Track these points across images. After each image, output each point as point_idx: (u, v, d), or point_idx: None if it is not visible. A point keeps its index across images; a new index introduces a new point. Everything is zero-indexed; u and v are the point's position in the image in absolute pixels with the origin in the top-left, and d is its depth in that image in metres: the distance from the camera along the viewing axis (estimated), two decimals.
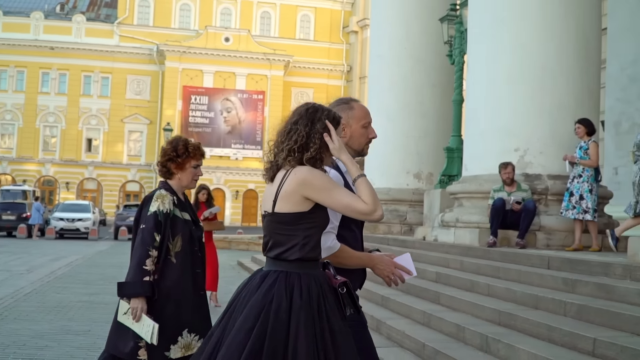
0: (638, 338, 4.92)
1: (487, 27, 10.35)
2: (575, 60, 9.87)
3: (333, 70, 55.85)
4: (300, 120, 2.86)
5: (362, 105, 3.35)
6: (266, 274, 2.83)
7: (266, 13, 55.92)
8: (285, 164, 2.85)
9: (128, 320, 3.81)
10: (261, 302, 2.73)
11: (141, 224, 3.89)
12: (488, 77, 10.27)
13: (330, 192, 2.78)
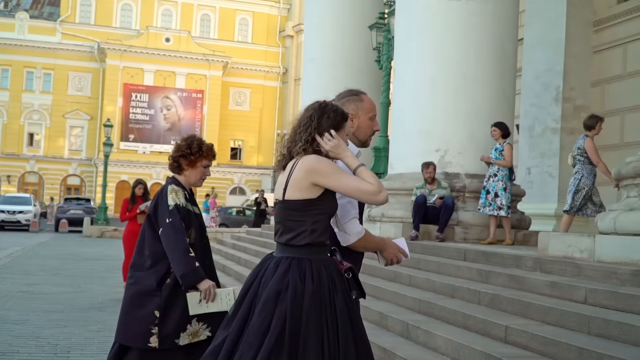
0: (547, 326, 5.04)
1: (412, 35, 10.47)
2: (493, 68, 10.09)
3: (270, 72, 55.65)
4: (314, 114, 2.92)
5: (370, 99, 3.36)
6: (279, 260, 2.86)
7: (206, 15, 55.30)
8: (300, 152, 2.88)
9: (202, 307, 3.73)
10: (277, 288, 2.77)
11: (166, 219, 3.78)
12: (412, 82, 10.40)
13: (338, 177, 2.81)
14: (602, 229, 6.15)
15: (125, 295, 3.97)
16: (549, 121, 13.89)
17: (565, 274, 6.02)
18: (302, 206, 2.84)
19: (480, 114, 9.95)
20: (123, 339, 3.89)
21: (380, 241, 3.24)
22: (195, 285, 3.71)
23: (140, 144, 51.60)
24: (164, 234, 3.77)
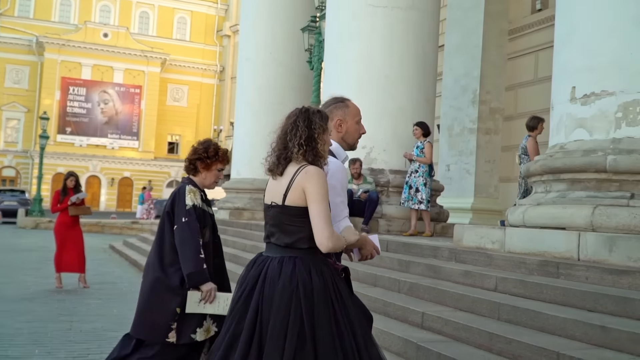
0: (460, 312, 5.15)
1: (341, 39, 10.50)
2: (415, 71, 10.23)
3: (207, 69, 54.93)
4: (298, 119, 2.90)
5: (354, 104, 3.37)
6: (282, 260, 2.85)
7: (144, 13, 54.08)
8: (298, 157, 2.86)
9: (199, 307, 3.70)
10: (289, 288, 2.77)
11: (182, 217, 3.75)
12: (340, 82, 10.42)
13: (316, 203, 2.80)
14: (512, 221, 6.32)
15: (144, 290, 3.87)
16: (466, 122, 14.20)
17: (478, 264, 6.16)
18: (303, 212, 2.83)
19: (404, 114, 10.07)
20: (140, 333, 3.81)
21: (362, 239, 3.23)
22: (198, 285, 3.69)
23: (77, 137, 50.08)
24: (178, 231, 3.75)
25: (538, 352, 4.00)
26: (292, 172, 2.85)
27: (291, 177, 2.84)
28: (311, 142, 2.87)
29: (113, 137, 51.00)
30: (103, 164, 50.40)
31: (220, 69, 54.89)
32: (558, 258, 5.39)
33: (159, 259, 3.82)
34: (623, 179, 5.31)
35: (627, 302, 4.23)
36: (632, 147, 5.28)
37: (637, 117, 5.32)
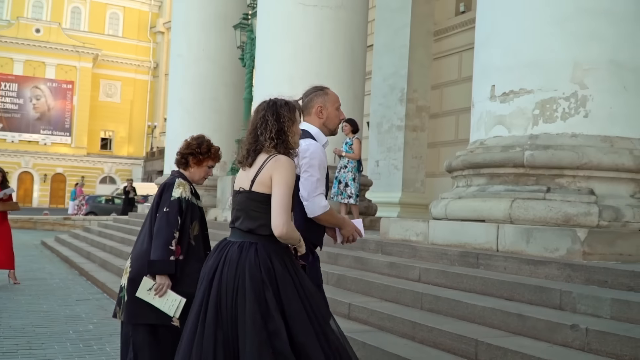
0: (385, 303, 5.14)
1: (272, 36, 10.38)
2: (344, 69, 10.20)
3: (140, 65, 53.62)
4: (266, 113, 2.91)
5: (333, 92, 3.46)
6: (242, 244, 2.84)
7: (77, 8, 52.30)
8: (270, 149, 2.88)
9: (149, 295, 3.58)
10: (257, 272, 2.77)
11: (164, 207, 3.67)
12: (272, 79, 10.31)
13: (281, 190, 2.81)
14: (435, 214, 6.36)
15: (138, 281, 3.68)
16: (394, 119, 14.32)
17: (402, 255, 6.17)
18: (269, 200, 2.83)
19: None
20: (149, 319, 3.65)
21: (341, 219, 3.37)
22: (157, 274, 3.59)
23: (9, 132, 48.06)
24: (158, 219, 3.69)
25: (458, 339, 4.01)
26: (262, 160, 2.88)
27: (260, 165, 2.87)
28: (281, 134, 2.89)
29: (45, 133, 49.21)
30: (35, 160, 48.59)
31: (154, 65, 53.71)
32: (478, 249, 5.45)
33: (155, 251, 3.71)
34: (540, 173, 5.41)
35: (543, 291, 4.29)
36: (548, 143, 5.38)
37: (553, 114, 5.42)
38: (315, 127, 3.34)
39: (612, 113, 5.25)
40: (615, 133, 5.25)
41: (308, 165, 3.15)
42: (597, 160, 5.15)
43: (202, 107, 14.61)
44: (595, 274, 4.31)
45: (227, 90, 14.71)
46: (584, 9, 5.27)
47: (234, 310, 2.77)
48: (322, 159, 3.22)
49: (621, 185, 5.23)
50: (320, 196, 3.16)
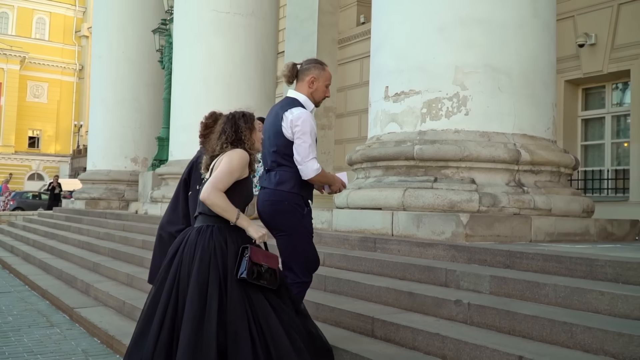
0: None
1: (188, 41, 10.07)
2: (256, 71, 10.05)
3: (66, 68, 51.04)
4: (226, 125, 3.01)
5: (329, 72, 3.52)
6: (200, 228, 2.86)
7: (4, 13, 49.05)
8: (224, 150, 2.96)
9: None
10: (207, 255, 2.75)
11: (197, 185, 3.63)
12: (189, 80, 10.02)
13: (222, 167, 2.86)
14: (338, 204, 6.31)
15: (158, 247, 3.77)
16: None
17: None
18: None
19: (247, 110, 9.86)
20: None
21: (331, 177, 3.47)
22: None
23: None
24: (192, 197, 3.66)
25: (357, 317, 3.96)
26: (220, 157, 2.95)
27: (218, 159, 2.95)
28: (236, 142, 2.97)
29: None
30: None
31: (80, 67, 51.30)
32: (375, 234, 5.44)
33: (174, 220, 3.74)
34: (428, 165, 5.46)
35: (431, 270, 4.31)
36: (434, 138, 5.43)
37: (439, 112, 5.48)
38: (303, 95, 3.41)
39: (489, 111, 5.36)
40: (491, 129, 5.36)
41: (301, 132, 3.24)
42: (476, 153, 5.25)
43: (123, 107, 14.04)
44: (476, 253, 4.38)
45: (148, 90, 14.20)
46: (462, 18, 5.35)
47: (188, 289, 2.75)
48: (312, 125, 3.30)
49: (498, 175, 5.35)
50: (313, 160, 3.25)
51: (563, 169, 5.67)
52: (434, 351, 3.34)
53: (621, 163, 10.69)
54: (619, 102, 10.90)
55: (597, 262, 3.64)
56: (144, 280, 6.34)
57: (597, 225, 5.49)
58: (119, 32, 14.19)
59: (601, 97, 11.09)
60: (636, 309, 3.09)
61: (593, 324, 2.99)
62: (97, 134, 14.51)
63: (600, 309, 3.24)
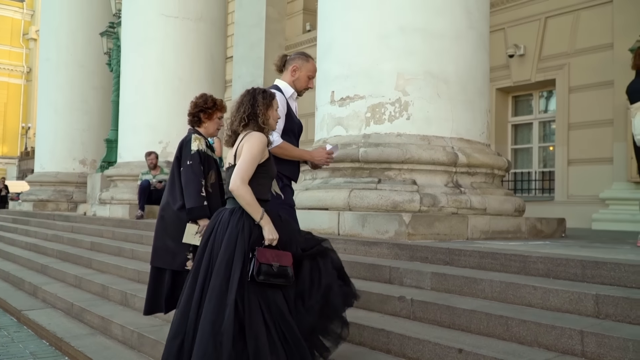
0: None
1: (137, 44, 9.78)
2: (205, 75, 9.87)
3: (14, 70, 48.79)
4: (244, 99, 2.95)
5: (315, 64, 3.57)
6: (233, 210, 2.84)
7: None
8: (240, 129, 2.92)
9: (195, 239, 3.53)
10: (235, 231, 2.75)
11: (187, 160, 3.61)
12: (138, 83, 9.72)
13: (245, 157, 2.82)
14: None
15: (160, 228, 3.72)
16: None
17: None
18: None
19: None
20: (164, 263, 3.68)
21: (305, 154, 3.48)
22: (197, 219, 3.56)
23: None
24: (183, 173, 3.64)
25: None
26: (240, 138, 2.92)
27: (239, 142, 2.90)
28: (252, 116, 2.92)
29: None
30: None
31: (28, 69, 49.19)
32: (323, 233, 5.36)
33: (173, 199, 3.68)
34: (372, 167, 5.46)
35: (375, 268, 4.30)
36: (378, 141, 5.43)
37: (382, 116, 5.49)
38: (285, 82, 3.50)
39: (429, 116, 5.41)
40: (431, 133, 5.41)
41: None
42: (417, 156, 5.28)
43: (71, 109, 13.53)
44: (418, 251, 4.39)
45: (96, 93, 13.73)
46: (403, 28, 5.37)
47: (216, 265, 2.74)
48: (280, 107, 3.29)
49: (437, 177, 5.41)
50: (272, 134, 3.18)
51: (496, 170, 5.79)
52: (379, 346, 3.32)
53: (547, 165, 11.07)
54: (545, 109, 11.28)
55: (529, 259, 3.71)
56: (92, 282, 6.10)
57: (527, 224, 5.62)
58: (67, 35, 13.67)
59: (529, 104, 11.45)
60: (566, 302, 3.15)
61: (527, 317, 3.03)
62: (45, 136, 13.92)
63: (533, 303, 3.29)
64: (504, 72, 11.09)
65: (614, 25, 9.65)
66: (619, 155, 9.48)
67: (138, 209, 8.91)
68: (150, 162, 8.96)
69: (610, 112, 9.66)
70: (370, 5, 5.50)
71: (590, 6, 10.04)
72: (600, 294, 3.03)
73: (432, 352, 3.02)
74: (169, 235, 3.64)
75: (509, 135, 11.51)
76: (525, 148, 11.40)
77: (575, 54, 10.21)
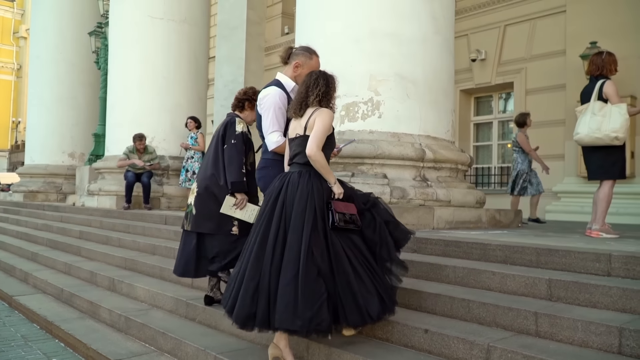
0: None
1: (123, 44, 9.59)
2: (188, 74, 9.74)
3: (4, 67, 47.43)
4: (319, 80, 3.06)
5: (318, 62, 3.45)
6: (301, 172, 3.00)
7: None
8: (314, 103, 3.04)
9: (232, 210, 3.72)
10: (306, 190, 2.92)
11: (232, 139, 3.75)
12: (124, 81, 9.55)
13: (319, 128, 2.98)
14: None
15: (206, 198, 3.78)
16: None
17: None
18: None
19: (179, 109, 9.56)
20: (209, 229, 3.78)
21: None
22: (236, 192, 3.72)
23: None
24: (227, 150, 3.74)
25: None
26: (310, 112, 3.04)
27: (309, 115, 3.03)
28: (326, 95, 3.06)
29: None
30: None
31: (18, 67, 47.89)
32: None
33: (218, 173, 3.76)
34: (346, 162, 5.46)
35: None
36: (351, 138, 5.44)
37: (356, 115, 5.49)
38: (286, 76, 3.42)
39: (399, 115, 5.43)
40: (401, 130, 5.44)
41: (264, 108, 3.28)
42: (388, 152, 5.30)
43: (60, 105, 13.23)
44: None
45: (85, 89, 13.45)
46: (375, 32, 5.38)
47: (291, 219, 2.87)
48: (276, 102, 3.30)
49: (406, 171, 5.44)
50: (273, 133, 3.27)
51: (460, 166, 5.85)
52: None
53: (505, 161, 11.24)
54: (504, 109, 11.44)
55: (489, 247, 3.77)
56: (81, 269, 6.01)
57: (487, 215, 5.70)
58: (56, 34, 13.34)
59: (489, 104, 11.60)
60: (522, 286, 3.21)
61: (486, 299, 3.08)
62: (35, 130, 13.60)
63: (492, 287, 3.35)
64: (467, 75, 11.21)
65: (566, 34, 9.82)
66: (570, 152, 9.67)
67: (125, 202, 8.78)
68: (140, 146, 8.81)
69: (562, 112, 9.84)
70: (345, 11, 5.49)
71: (545, 15, 10.20)
72: (552, 278, 3.10)
73: (400, 333, 3.05)
74: (215, 205, 3.76)
75: (472, 133, 11.65)
76: (486, 145, 11.55)
77: (531, 59, 10.36)
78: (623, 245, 3.83)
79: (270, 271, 2.82)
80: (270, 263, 2.83)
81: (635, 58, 8.77)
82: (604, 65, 4.74)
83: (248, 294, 2.84)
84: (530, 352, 2.52)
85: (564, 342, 2.68)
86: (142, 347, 3.89)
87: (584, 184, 9.34)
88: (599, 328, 2.58)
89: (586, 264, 3.26)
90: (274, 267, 2.81)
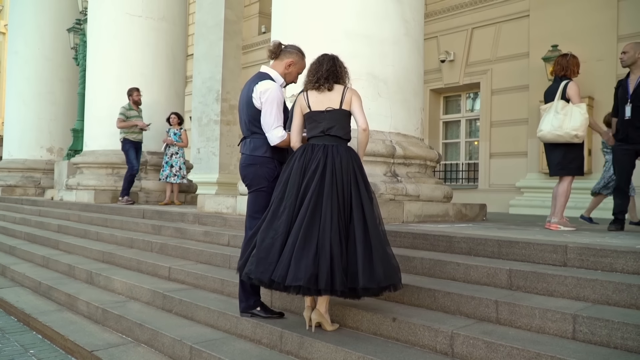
0: (200, 265, 4.86)
1: (102, 41, 9.40)
2: (166, 71, 9.60)
3: None
4: (337, 62, 3.17)
5: (306, 63, 3.43)
6: (338, 146, 3.07)
7: None
8: (343, 81, 3.15)
9: None
10: (351, 161, 3.04)
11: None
12: (102, 77, 9.37)
13: (360, 107, 3.14)
14: (242, 191, 6.17)
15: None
16: (212, 115, 13.90)
17: (215, 225, 5.93)
18: (349, 115, 3.14)
19: (157, 106, 9.40)
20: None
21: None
22: None
23: None
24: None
25: None
26: (340, 89, 3.12)
27: (342, 93, 3.11)
28: (343, 76, 3.17)
29: None
30: None
31: None
32: None
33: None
34: None
35: None
36: None
37: None
38: (276, 71, 3.35)
39: (371, 113, 5.44)
40: (373, 128, 5.46)
41: (267, 102, 3.20)
42: None
43: (39, 100, 12.93)
44: None
45: (63, 85, 13.16)
46: (348, 33, 5.39)
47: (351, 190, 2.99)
48: (279, 96, 3.24)
49: (377, 167, 5.48)
50: (278, 128, 3.21)
51: (429, 162, 5.92)
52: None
53: (472, 158, 11.40)
54: (471, 108, 11.60)
55: (454, 239, 3.83)
56: (59, 262, 5.90)
57: (454, 209, 5.79)
58: (34, 30, 13.00)
59: (458, 104, 11.74)
60: (484, 276, 3.28)
61: (451, 289, 3.14)
62: (13, 125, 13.25)
63: (457, 277, 3.41)
64: (437, 75, 11.32)
65: (529, 37, 10.00)
66: (532, 149, 9.87)
67: (125, 196, 8.53)
68: (138, 97, 8.58)
69: (525, 112, 10.03)
70: (320, 12, 5.49)
71: (510, 19, 10.36)
72: (513, 269, 3.16)
73: (370, 322, 3.08)
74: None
75: (440, 131, 11.78)
76: (454, 142, 11.70)
77: (497, 60, 10.52)
78: (579, 237, 3.93)
79: (330, 237, 2.86)
80: (300, 225, 2.89)
81: (593, 61, 8.98)
82: (569, 67, 4.84)
83: (276, 248, 2.90)
84: (490, 338, 2.57)
85: (523, 328, 2.75)
86: (119, 338, 3.85)
87: (545, 179, 9.54)
88: (555, 315, 2.66)
89: (544, 255, 3.34)
90: (333, 232, 2.87)
